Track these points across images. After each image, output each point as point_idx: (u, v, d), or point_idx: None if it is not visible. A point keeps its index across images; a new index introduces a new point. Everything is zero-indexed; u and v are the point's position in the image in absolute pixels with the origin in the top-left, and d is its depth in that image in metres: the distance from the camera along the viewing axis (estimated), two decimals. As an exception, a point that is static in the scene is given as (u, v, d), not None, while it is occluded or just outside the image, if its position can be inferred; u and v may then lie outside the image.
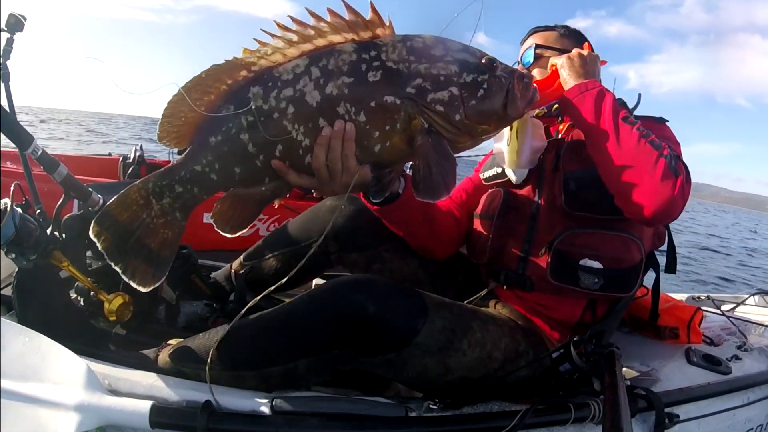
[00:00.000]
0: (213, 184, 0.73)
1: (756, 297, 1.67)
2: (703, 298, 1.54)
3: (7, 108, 1.35)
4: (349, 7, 0.71)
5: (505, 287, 0.99)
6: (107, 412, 0.67)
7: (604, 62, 0.97)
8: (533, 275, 0.95)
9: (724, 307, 1.49)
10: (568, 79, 0.90)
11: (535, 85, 0.80)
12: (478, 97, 0.75)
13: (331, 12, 0.70)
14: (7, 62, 1.40)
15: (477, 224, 1.05)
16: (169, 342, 0.85)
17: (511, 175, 1.01)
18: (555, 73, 0.93)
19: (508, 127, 0.95)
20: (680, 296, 1.53)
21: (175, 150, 0.81)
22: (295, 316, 0.77)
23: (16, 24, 1.38)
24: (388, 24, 0.73)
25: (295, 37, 0.72)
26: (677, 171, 0.78)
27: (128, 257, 0.70)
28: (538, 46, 1.04)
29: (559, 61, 0.93)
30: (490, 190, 1.06)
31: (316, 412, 0.72)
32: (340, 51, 0.72)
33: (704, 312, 1.21)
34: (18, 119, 0.91)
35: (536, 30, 1.08)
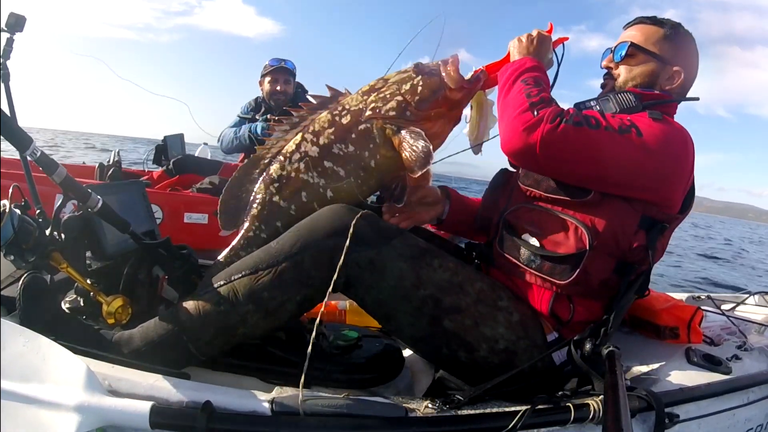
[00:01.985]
0: (264, 241, 0.94)
1: (756, 297, 1.67)
2: (703, 297, 1.54)
3: (6, 109, 1.35)
4: (315, 97, 1.03)
5: (475, 257, 1.09)
6: (107, 412, 0.67)
7: (563, 39, 1.04)
8: (495, 248, 1.01)
9: (724, 307, 1.49)
10: (512, 57, 1.01)
11: (483, 69, 1.00)
12: (418, 92, 0.97)
13: (304, 103, 1.02)
14: (7, 62, 1.40)
15: None
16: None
17: (471, 150, 1.12)
18: (509, 54, 1.03)
19: (470, 109, 1.10)
20: (680, 296, 1.53)
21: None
22: (302, 223, 0.89)
23: (16, 24, 1.38)
24: (344, 92, 1.02)
25: (287, 127, 1.02)
26: (537, 112, 0.85)
27: None
28: (633, 45, 1.00)
29: (512, 43, 1.03)
30: None
31: (316, 412, 0.72)
32: (319, 117, 1.01)
33: (704, 312, 1.20)
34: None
35: (642, 21, 1.03)
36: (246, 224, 0.99)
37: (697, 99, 1.03)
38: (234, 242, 0.99)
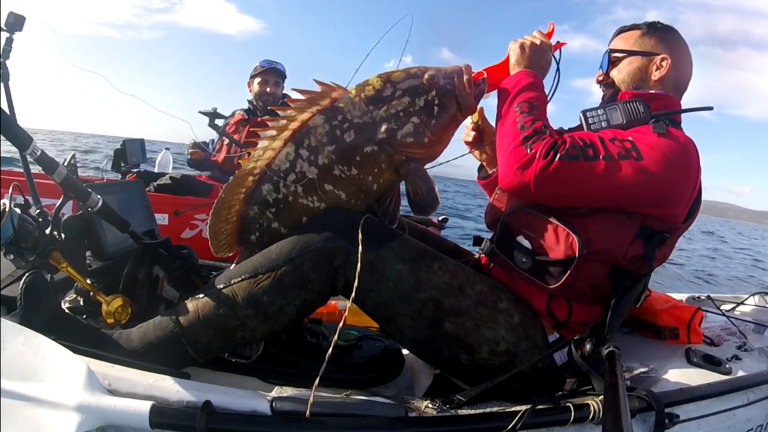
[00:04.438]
0: None
1: (756, 297, 1.67)
2: (703, 298, 1.54)
3: (6, 108, 1.35)
4: (302, 91, 0.90)
5: (479, 252, 1.11)
6: (107, 412, 0.67)
7: (561, 44, 1.03)
8: (494, 247, 1.03)
9: (724, 307, 1.49)
10: (512, 67, 0.99)
11: (484, 74, 0.95)
12: (435, 115, 0.90)
13: (290, 99, 0.90)
14: (7, 62, 1.40)
15: None
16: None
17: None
18: (508, 58, 1.00)
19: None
20: (680, 296, 1.53)
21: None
22: (301, 227, 0.90)
23: (15, 23, 1.37)
24: (334, 86, 0.90)
25: (273, 132, 0.90)
26: (530, 148, 0.84)
27: None
28: (613, 51, 1.04)
29: (512, 47, 1.00)
30: None
31: (316, 412, 0.72)
32: (315, 126, 0.89)
33: (704, 312, 1.20)
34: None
35: (621, 30, 1.07)
36: (244, 249, 0.96)
37: (710, 108, 1.01)
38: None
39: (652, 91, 0.99)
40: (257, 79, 2.82)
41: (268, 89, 2.81)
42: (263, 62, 2.85)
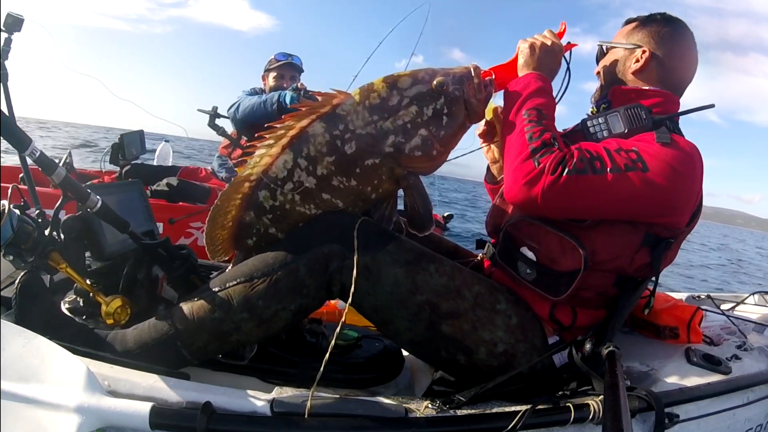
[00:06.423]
0: None
1: (756, 296, 1.67)
2: (703, 297, 1.54)
3: (5, 109, 1.35)
4: (301, 104, 0.88)
5: (481, 255, 1.11)
6: (107, 413, 0.67)
7: (572, 45, 0.99)
8: (496, 256, 1.02)
9: (724, 307, 1.49)
10: (520, 68, 0.96)
11: (492, 74, 0.93)
12: (444, 125, 0.87)
13: (287, 116, 0.88)
14: (6, 62, 1.40)
15: None
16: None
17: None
18: (517, 57, 0.97)
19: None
20: (680, 296, 1.53)
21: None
22: (297, 230, 0.90)
23: (14, 24, 1.37)
24: (335, 93, 0.87)
25: (271, 140, 0.88)
26: (538, 162, 0.81)
27: None
28: (600, 46, 1.06)
29: (521, 47, 0.96)
30: None
31: (316, 413, 0.72)
32: (314, 135, 0.86)
33: (704, 311, 1.20)
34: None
35: (625, 23, 1.06)
36: (239, 254, 0.96)
37: (712, 106, 0.98)
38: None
39: (646, 88, 0.97)
40: (272, 74, 2.67)
41: (284, 84, 2.64)
42: (279, 55, 2.70)
